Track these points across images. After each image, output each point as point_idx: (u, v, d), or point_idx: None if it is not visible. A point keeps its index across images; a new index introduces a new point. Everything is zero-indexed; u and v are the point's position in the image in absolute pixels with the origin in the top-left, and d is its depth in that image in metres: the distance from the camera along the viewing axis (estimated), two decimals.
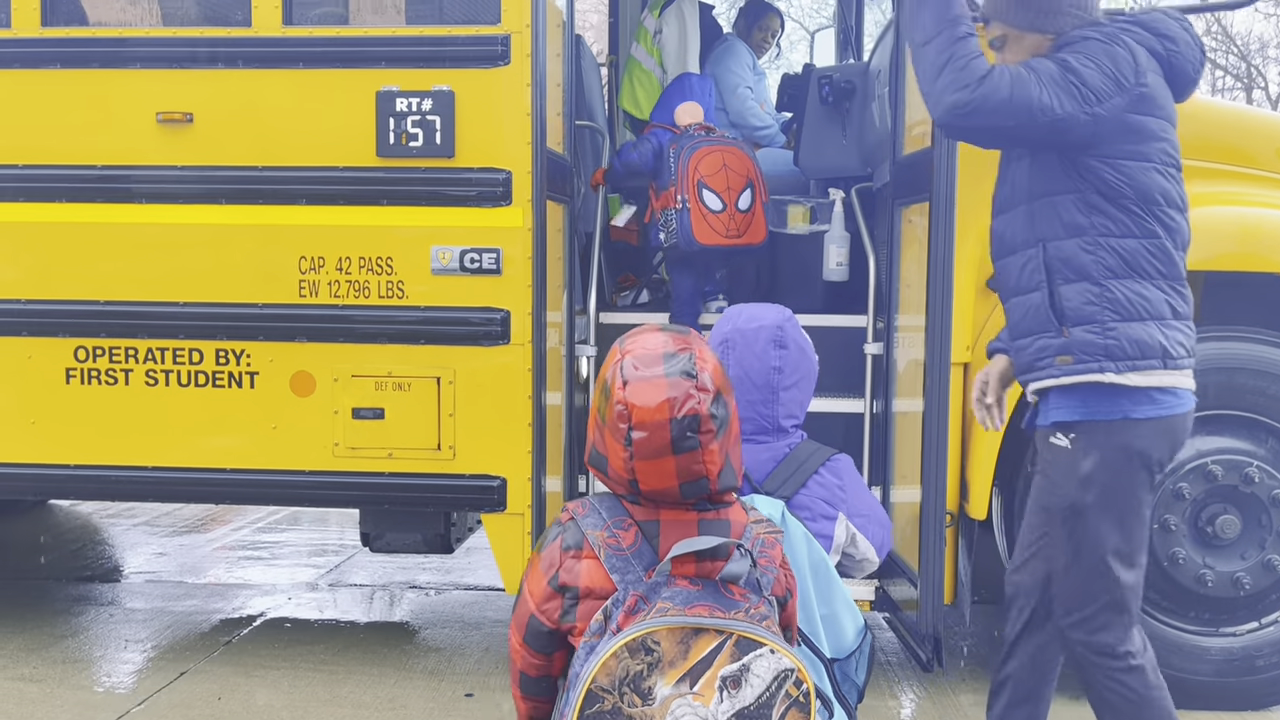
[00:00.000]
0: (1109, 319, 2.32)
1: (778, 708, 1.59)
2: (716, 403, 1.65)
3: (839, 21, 5.99)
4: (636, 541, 1.67)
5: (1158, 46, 2.35)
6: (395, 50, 3.44)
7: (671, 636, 1.57)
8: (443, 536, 3.79)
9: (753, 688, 1.59)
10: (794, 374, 2.29)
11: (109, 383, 3.60)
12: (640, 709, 1.56)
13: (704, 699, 1.56)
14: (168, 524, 5.92)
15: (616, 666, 1.57)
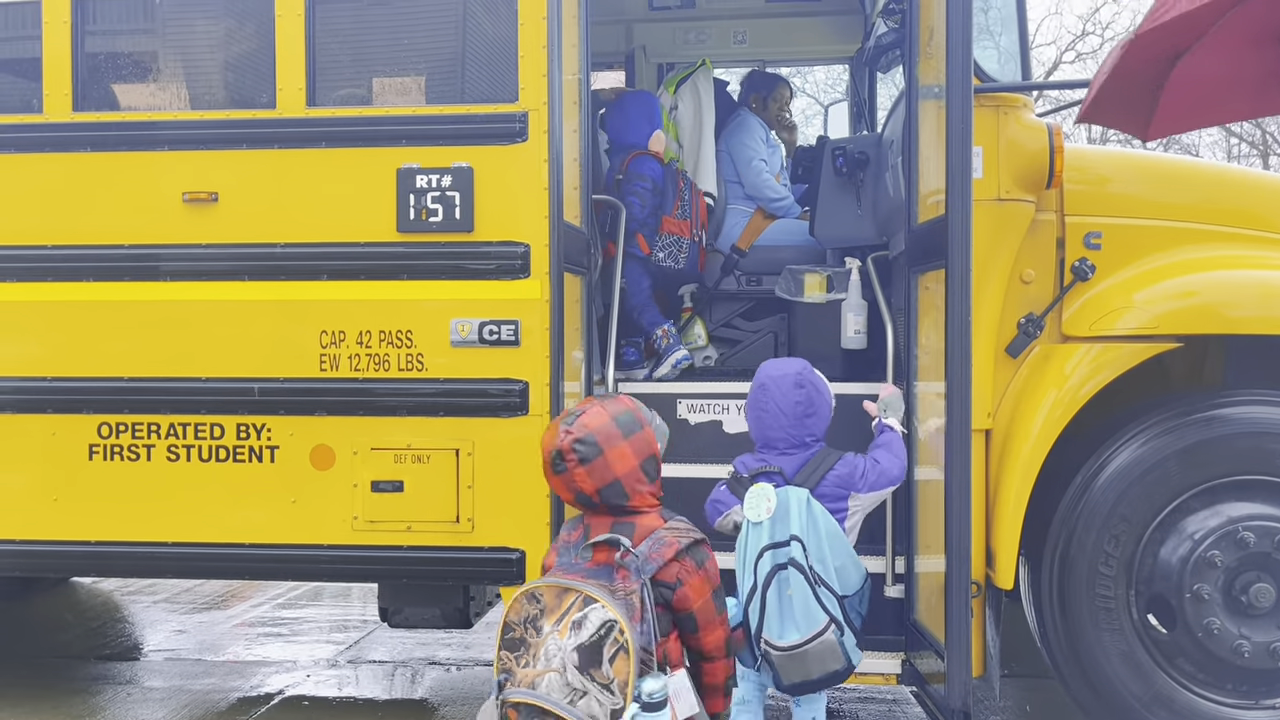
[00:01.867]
0: None
1: (607, 650, 2.35)
2: (580, 443, 2.52)
3: (852, 94, 6.08)
4: (582, 536, 2.58)
5: None
6: (415, 129, 3.52)
7: (551, 592, 2.45)
8: (461, 611, 3.76)
9: (587, 630, 2.37)
10: (811, 406, 3.30)
11: (131, 459, 3.62)
12: (534, 639, 2.42)
13: (561, 634, 2.38)
14: (188, 600, 5.90)
15: (520, 609, 2.47)
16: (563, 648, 2.37)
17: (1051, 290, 3.53)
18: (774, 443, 3.30)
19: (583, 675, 2.35)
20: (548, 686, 2.37)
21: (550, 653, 2.38)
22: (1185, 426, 3.32)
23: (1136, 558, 3.36)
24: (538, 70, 3.43)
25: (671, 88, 5.05)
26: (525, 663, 2.42)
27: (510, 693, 2.41)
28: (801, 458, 3.28)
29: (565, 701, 2.35)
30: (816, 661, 3.05)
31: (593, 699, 2.34)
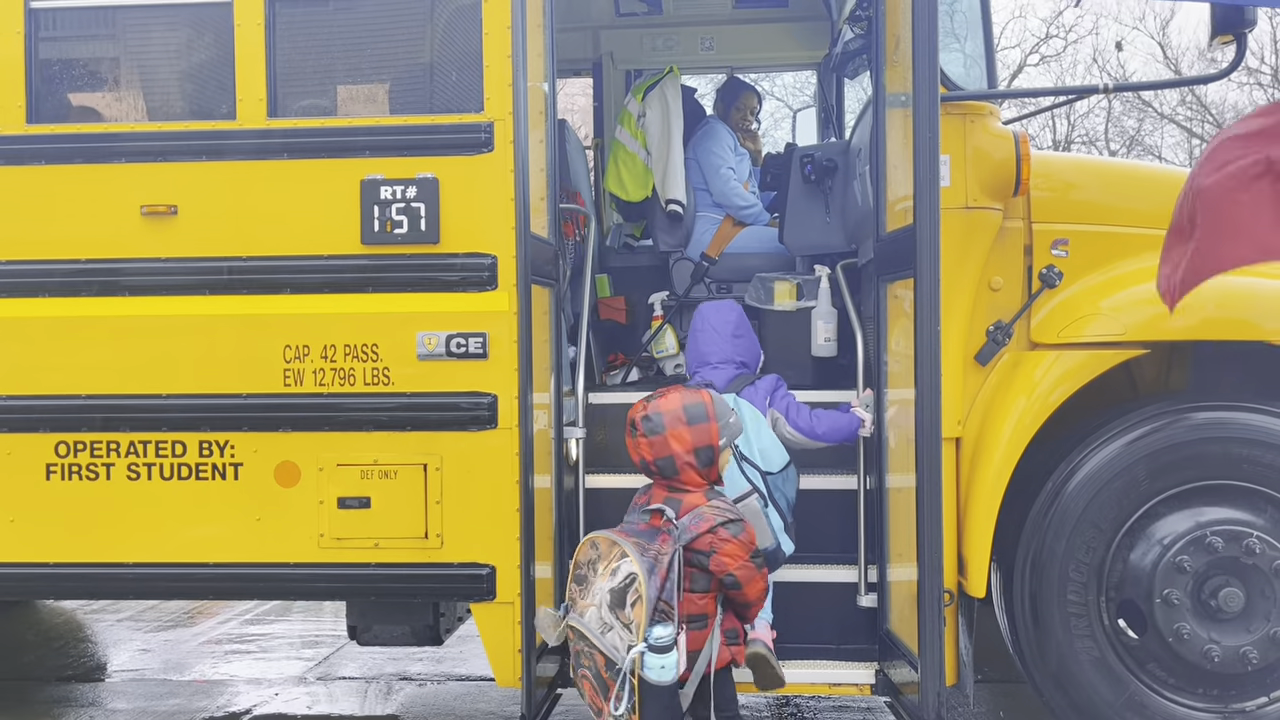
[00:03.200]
0: None
1: (630, 596, 2.87)
2: (648, 419, 3.11)
3: (819, 100, 6.09)
4: (647, 501, 3.14)
5: None
6: (379, 139, 3.47)
7: (605, 542, 3.01)
8: (431, 628, 3.70)
9: (618, 577, 2.91)
10: (741, 329, 3.86)
11: (90, 478, 3.54)
12: (592, 578, 2.99)
13: (603, 579, 2.95)
14: (153, 618, 5.80)
15: (585, 553, 3.07)
16: (601, 589, 2.93)
17: (1020, 297, 3.53)
18: (707, 358, 3.82)
19: (611, 614, 2.92)
20: (589, 618, 2.97)
21: (596, 591, 2.96)
22: (1153, 433, 3.33)
23: (1107, 563, 3.37)
24: (503, 80, 3.39)
25: (639, 95, 5.03)
26: (584, 596, 3.02)
27: (571, 618, 3.05)
28: (730, 373, 3.77)
29: (598, 632, 2.92)
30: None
31: (617, 633, 2.90)
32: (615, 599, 2.89)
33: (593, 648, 2.92)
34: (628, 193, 5.09)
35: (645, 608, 2.82)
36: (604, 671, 2.90)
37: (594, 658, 2.93)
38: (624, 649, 2.84)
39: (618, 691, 2.83)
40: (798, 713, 4.18)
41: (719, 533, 2.97)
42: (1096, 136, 25.66)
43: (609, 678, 2.87)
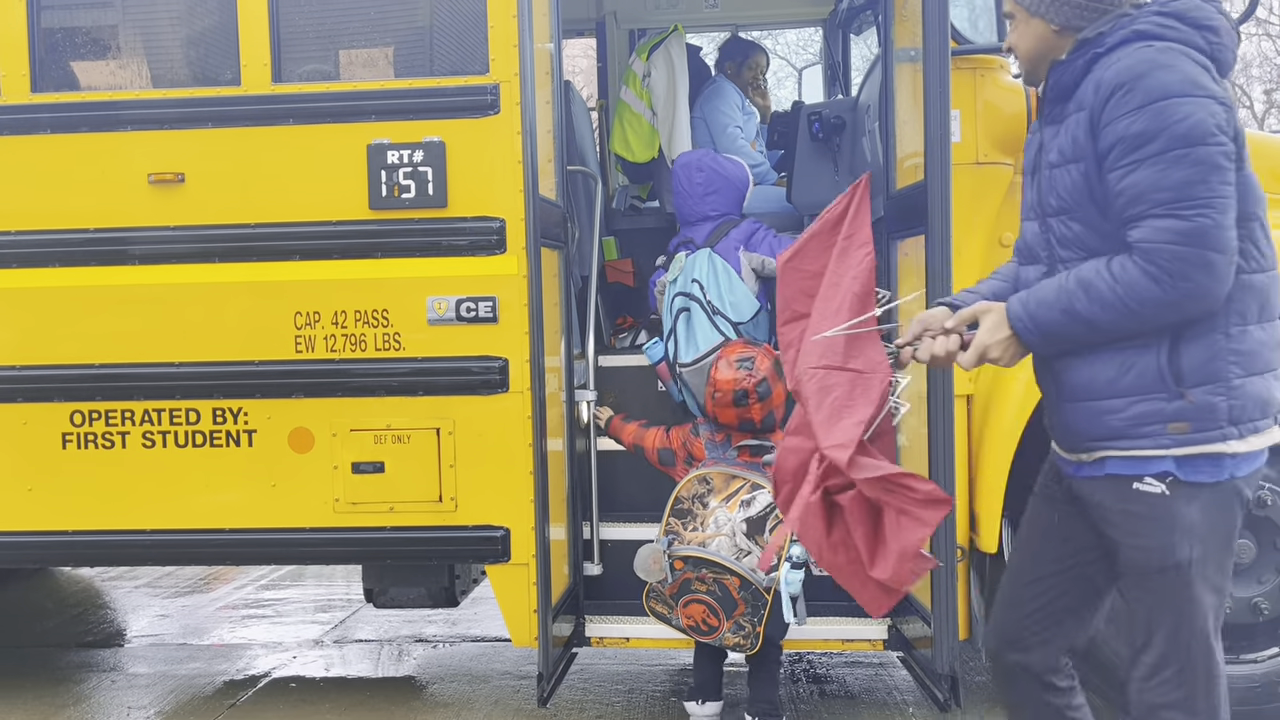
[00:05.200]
0: (1234, 375, 1.96)
1: (771, 520, 3.23)
2: (761, 384, 3.37)
3: (826, 58, 6.02)
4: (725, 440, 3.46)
5: (1200, 41, 2.01)
6: (385, 103, 3.45)
7: (720, 477, 3.34)
8: (447, 590, 3.74)
9: (756, 507, 3.25)
10: (711, 185, 3.95)
11: (106, 446, 3.56)
12: (701, 511, 3.31)
13: (730, 509, 3.25)
14: (170, 585, 5.86)
15: (691, 488, 3.37)
16: (732, 519, 3.21)
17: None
18: (687, 218, 4.02)
19: (749, 540, 3.22)
20: (718, 546, 3.23)
21: (720, 522, 3.26)
22: None
23: None
24: (508, 41, 3.37)
25: (644, 54, 4.98)
26: (692, 528, 3.30)
27: (680, 549, 3.28)
28: (709, 227, 3.94)
29: (734, 558, 3.21)
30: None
31: (755, 557, 3.21)
32: (755, 526, 3.23)
33: (725, 572, 3.22)
34: (634, 154, 5.06)
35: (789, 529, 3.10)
36: (736, 592, 3.22)
37: (722, 582, 3.23)
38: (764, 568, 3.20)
39: (754, 603, 3.21)
40: (810, 669, 4.23)
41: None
42: None
43: (740, 597, 3.21)
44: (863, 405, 2.03)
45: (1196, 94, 1.91)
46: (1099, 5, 2.07)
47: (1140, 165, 1.91)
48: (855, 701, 3.87)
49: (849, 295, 2.10)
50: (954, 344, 2.08)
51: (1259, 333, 1.98)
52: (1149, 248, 1.89)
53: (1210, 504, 1.99)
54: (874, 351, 2.09)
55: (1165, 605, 2.04)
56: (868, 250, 2.14)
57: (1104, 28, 2.05)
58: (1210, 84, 1.94)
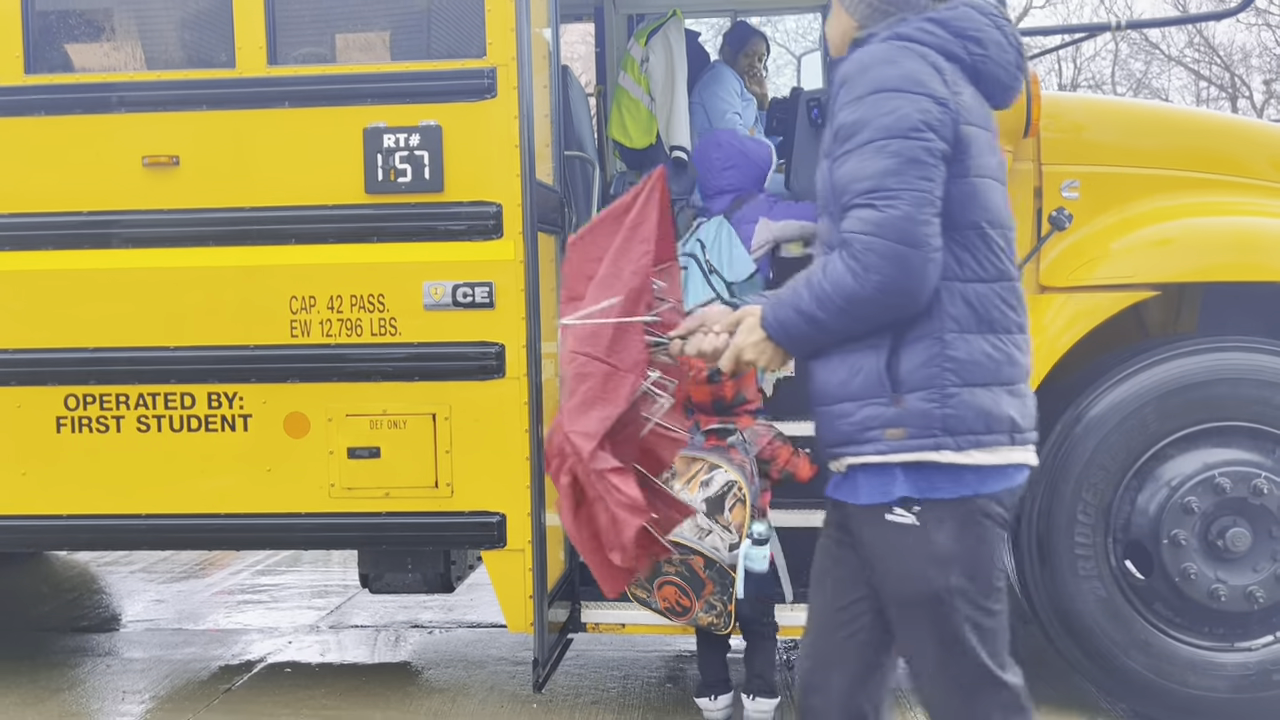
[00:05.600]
0: (950, 384, 1.90)
1: (728, 501, 3.22)
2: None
3: (825, 44, 5.99)
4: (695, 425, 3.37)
5: (958, 50, 1.97)
6: (381, 86, 3.42)
7: (681, 462, 3.26)
8: (443, 575, 3.74)
9: (714, 487, 3.24)
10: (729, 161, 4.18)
11: (100, 430, 3.55)
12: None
13: (691, 491, 3.23)
14: (165, 570, 5.86)
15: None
16: (693, 500, 3.20)
17: (1030, 240, 3.51)
18: (706, 191, 4.25)
19: (709, 519, 3.21)
20: (680, 529, 3.14)
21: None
22: (1163, 375, 3.33)
23: (1114, 505, 3.38)
24: (505, 24, 3.34)
25: (642, 40, 4.96)
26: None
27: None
28: (726, 201, 4.14)
29: (696, 538, 3.20)
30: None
31: (716, 536, 3.21)
32: (713, 506, 3.24)
33: (689, 552, 3.24)
34: (631, 139, 5.03)
35: (748, 509, 3.24)
36: (702, 571, 3.24)
37: (688, 562, 3.25)
38: (725, 547, 3.22)
39: (720, 582, 3.23)
40: None
41: (774, 443, 3.42)
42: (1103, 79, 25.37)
43: (707, 576, 3.24)
44: (612, 401, 2.02)
45: (912, 90, 1.87)
46: (886, 7, 2.03)
47: (849, 156, 1.87)
48: None
49: (626, 289, 2.06)
50: (721, 342, 2.06)
51: (982, 343, 1.91)
52: (848, 238, 1.86)
53: (959, 527, 1.91)
54: (635, 350, 2.05)
55: (929, 636, 1.97)
56: (648, 249, 2.08)
57: (877, 28, 2.01)
58: (936, 85, 1.89)
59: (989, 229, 1.94)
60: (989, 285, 1.93)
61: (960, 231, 1.91)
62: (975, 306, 1.91)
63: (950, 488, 1.91)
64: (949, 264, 1.89)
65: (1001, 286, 1.94)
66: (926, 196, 1.84)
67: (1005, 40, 2.01)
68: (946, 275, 1.89)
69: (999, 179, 1.99)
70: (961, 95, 1.92)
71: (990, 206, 1.95)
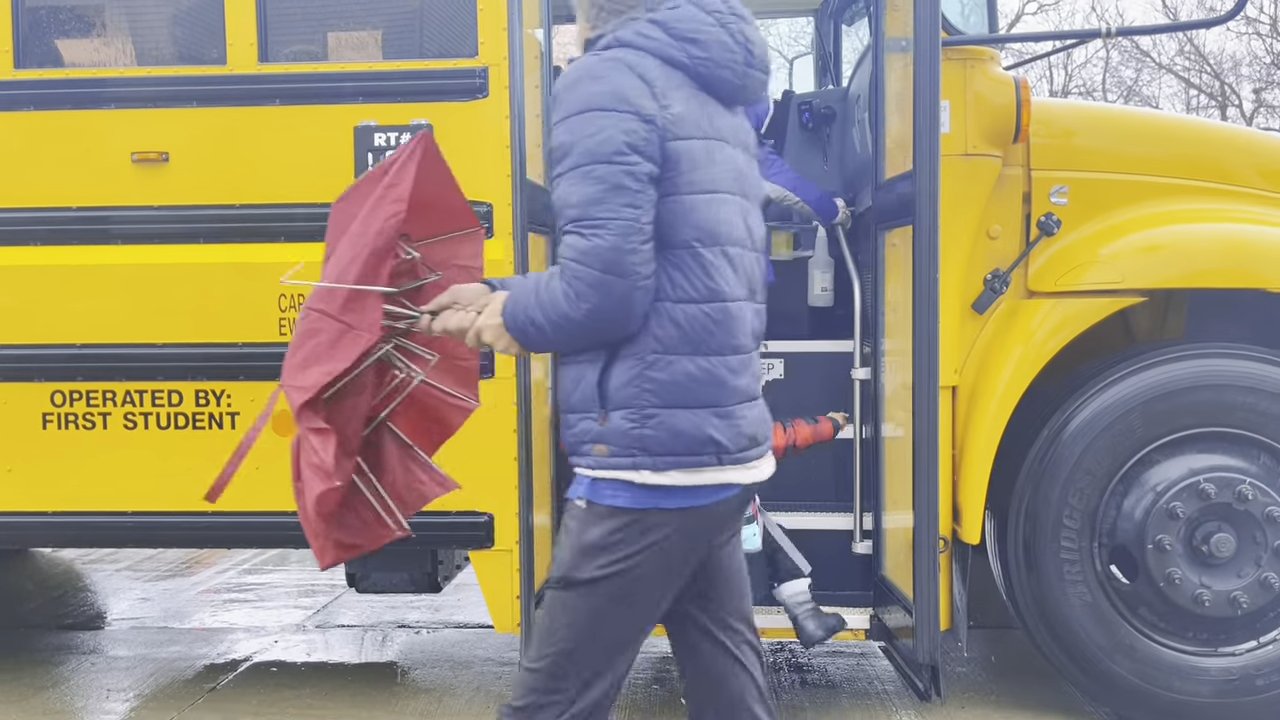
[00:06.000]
0: (650, 405, 1.87)
1: None
2: None
3: (817, 48, 6.01)
4: None
5: (678, 55, 1.90)
6: (372, 85, 3.42)
7: None
8: (430, 575, 3.73)
9: None
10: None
11: (87, 427, 3.54)
12: None
13: None
14: (151, 568, 5.83)
15: None
16: None
17: (1018, 245, 3.52)
18: None
19: None
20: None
21: None
22: (1149, 380, 3.34)
23: (1100, 510, 3.40)
24: (498, 24, 3.34)
25: None
26: None
27: None
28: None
29: None
30: None
31: None
32: None
33: None
34: None
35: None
36: None
37: None
38: None
39: None
40: (792, 658, 4.24)
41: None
42: (1094, 87, 25.49)
43: None
44: (338, 359, 1.98)
45: (617, 109, 1.81)
46: (614, 6, 1.97)
47: (561, 180, 1.85)
48: (836, 691, 3.88)
49: (367, 250, 2.01)
50: (467, 321, 2.02)
51: (689, 365, 1.87)
52: (561, 263, 1.84)
53: (625, 530, 1.88)
54: (371, 311, 2.00)
55: (557, 618, 1.97)
56: (398, 210, 2.02)
57: (607, 29, 1.95)
58: (644, 102, 1.82)
59: (701, 248, 1.87)
60: (699, 306, 1.87)
61: (671, 251, 1.86)
62: (684, 327, 1.86)
63: (628, 498, 1.88)
64: (660, 284, 1.85)
65: (713, 307, 1.89)
66: (633, 225, 1.79)
67: (731, 40, 1.92)
68: (657, 296, 1.85)
69: (727, 190, 1.91)
70: (672, 108, 1.85)
71: (704, 223, 1.88)
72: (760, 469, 2.01)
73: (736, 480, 1.95)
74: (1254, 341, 3.43)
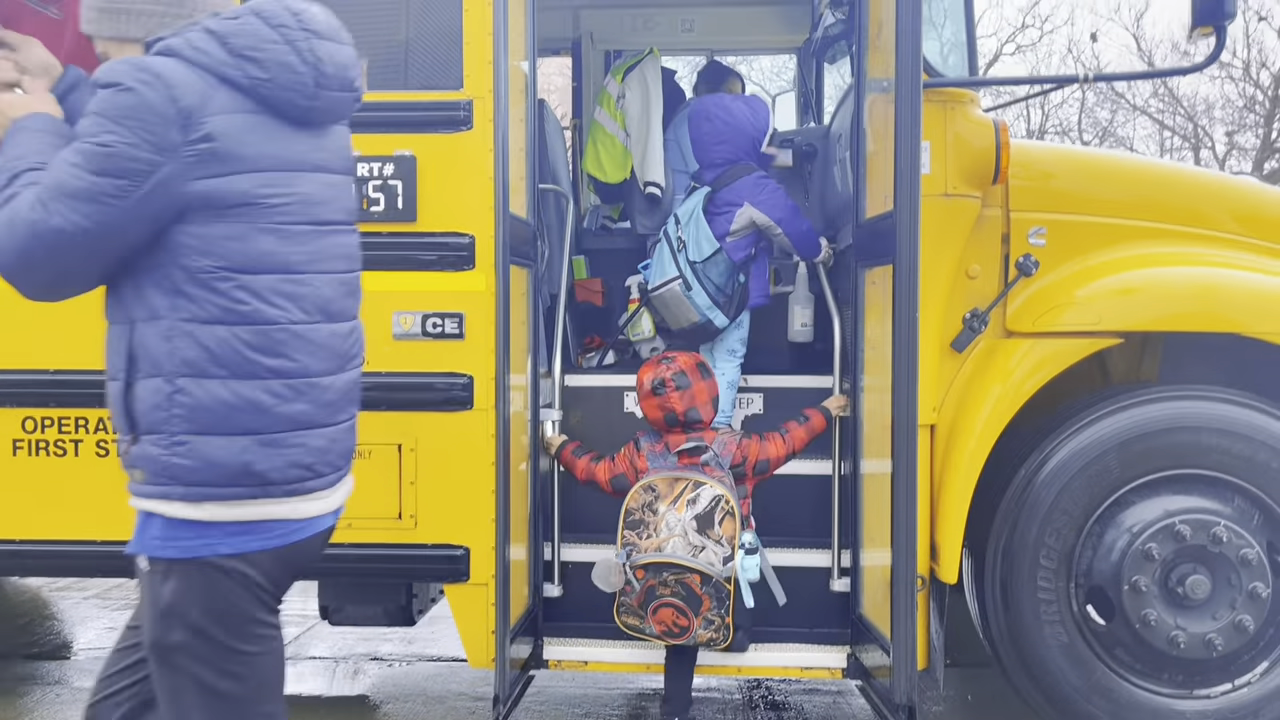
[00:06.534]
0: (179, 429, 1.78)
1: (718, 515, 3.40)
2: (678, 375, 3.55)
3: (799, 85, 6.07)
4: (665, 449, 3.58)
5: (235, 74, 1.78)
6: (356, 115, 3.40)
7: (664, 482, 3.49)
8: (404, 608, 3.69)
9: (701, 504, 3.42)
10: (719, 136, 4.26)
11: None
12: (652, 518, 3.44)
13: (679, 511, 3.42)
14: (119, 596, 5.74)
15: (639, 497, 3.49)
16: (682, 519, 3.40)
17: (996, 285, 3.55)
18: (700, 161, 4.30)
19: (700, 535, 3.39)
20: (673, 548, 3.38)
21: (671, 524, 3.41)
22: (1125, 422, 3.36)
23: (1076, 551, 3.40)
24: (483, 57, 3.36)
25: (619, 76, 4.99)
26: (647, 535, 3.43)
27: (639, 558, 3.41)
28: (717, 171, 4.20)
29: (690, 556, 3.36)
30: (674, 305, 4.12)
31: (710, 551, 3.37)
32: (702, 522, 3.40)
33: (685, 571, 3.37)
34: (606, 174, 5.06)
35: (737, 517, 3.40)
36: (699, 588, 3.37)
37: (684, 581, 3.37)
38: (720, 561, 3.36)
39: (717, 596, 3.36)
40: (769, 695, 4.21)
41: (741, 444, 3.59)
42: (1070, 127, 25.85)
43: (704, 592, 3.36)
44: None
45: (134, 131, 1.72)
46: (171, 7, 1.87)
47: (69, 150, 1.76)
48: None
49: None
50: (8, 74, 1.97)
51: (221, 390, 1.78)
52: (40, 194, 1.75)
53: (189, 583, 1.80)
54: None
55: (162, 690, 1.87)
56: None
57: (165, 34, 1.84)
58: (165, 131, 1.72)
59: (236, 273, 1.79)
60: (230, 329, 1.79)
61: (200, 274, 1.78)
62: (213, 350, 1.78)
63: (188, 542, 1.80)
64: (182, 304, 1.78)
65: (248, 330, 1.80)
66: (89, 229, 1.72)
67: (299, 59, 1.82)
68: (183, 315, 1.78)
69: (292, 220, 1.85)
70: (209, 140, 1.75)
71: (233, 254, 1.79)
72: (329, 499, 1.90)
73: (283, 515, 1.84)
74: (1227, 383, 3.47)
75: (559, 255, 4.38)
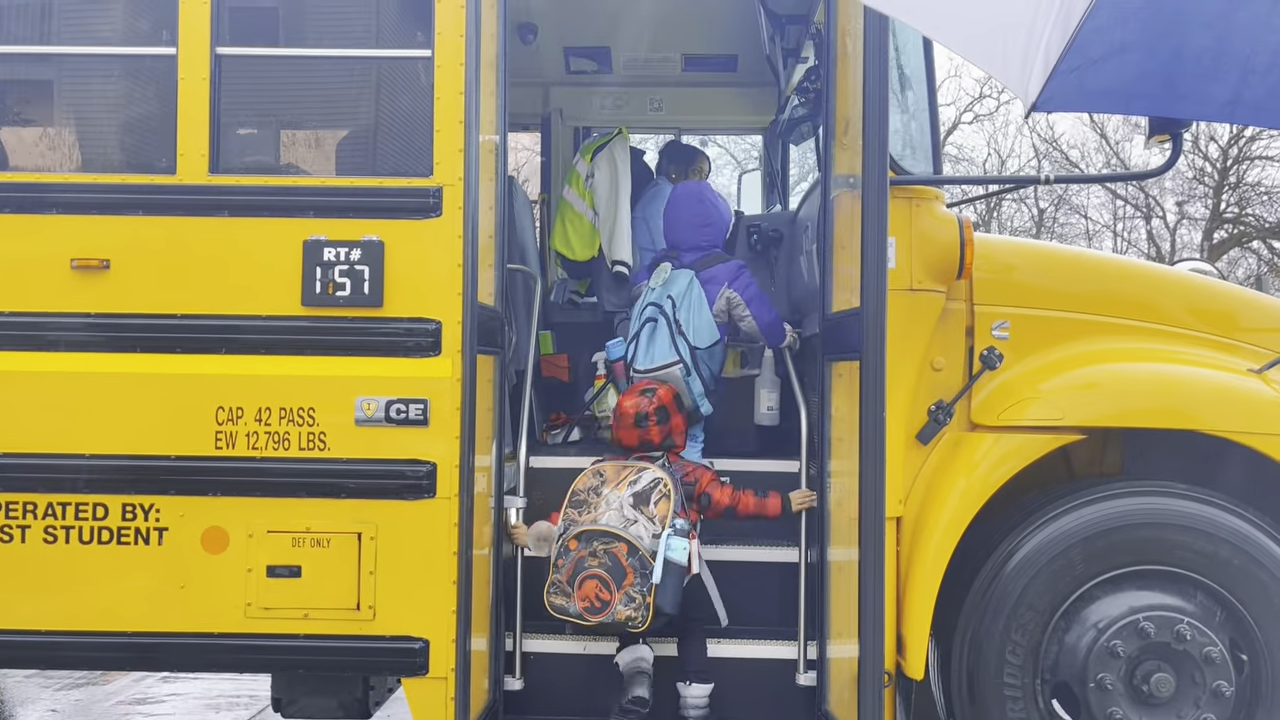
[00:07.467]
0: None
1: (654, 495, 3.59)
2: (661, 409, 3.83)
3: (765, 165, 6.16)
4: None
5: None
6: (324, 200, 3.40)
7: (612, 468, 3.74)
8: (360, 701, 3.59)
9: (641, 483, 3.64)
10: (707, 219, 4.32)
11: (4, 540, 3.37)
12: (595, 499, 3.64)
13: (619, 490, 3.63)
14: (63, 676, 5.53)
15: (587, 480, 3.73)
16: (621, 497, 3.59)
17: (961, 378, 3.58)
18: (679, 244, 4.33)
19: (635, 510, 3.55)
20: (609, 519, 3.55)
21: (610, 500, 3.61)
22: (1089, 518, 3.38)
23: (1043, 646, 3.39)
24: (454, 145, 3.36)
25: (588, 156, 5.03)
26: (586, 513, 3.61)
27: (573, 529, 3.58)
28: (696, 255, 4.26)
29: (622, 526, 3.52)
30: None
31: (640, 525, 3.53)
32: (639, 499, 3.57)
33: (614, 540, 3.50)
34: (574, 252, 5.07)
35: (672, 500, 3.55)
36: (625, 559, 3.47)
37: (611, 551, 3.49)
38: (648, 536, 3.50)
39: (641, 571, 3.45)
40: None
41: (697, 469, 3.80)
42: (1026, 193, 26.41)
43: (629, 564, 3.46)
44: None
45: None
46: None
47: None
48: None
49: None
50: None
51: None
52: None
53: None
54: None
55: None
56: None
57: None
58: None
59: None
60: None
61: None
62: None
63: None
64: None
65: None
66: None
67: None
68: None
69: None
70: None
71: None
72: None
73: None
74: (1188, 477, 3.50)
75: (526, 333, 4.36)
